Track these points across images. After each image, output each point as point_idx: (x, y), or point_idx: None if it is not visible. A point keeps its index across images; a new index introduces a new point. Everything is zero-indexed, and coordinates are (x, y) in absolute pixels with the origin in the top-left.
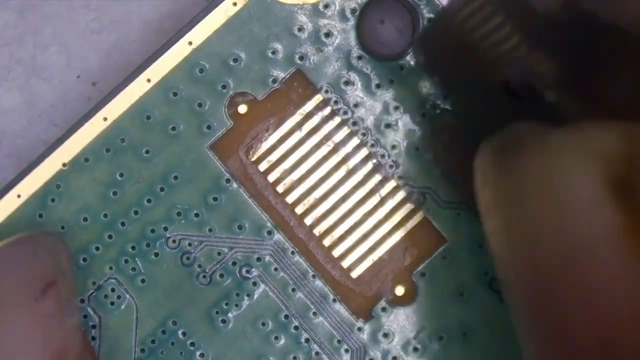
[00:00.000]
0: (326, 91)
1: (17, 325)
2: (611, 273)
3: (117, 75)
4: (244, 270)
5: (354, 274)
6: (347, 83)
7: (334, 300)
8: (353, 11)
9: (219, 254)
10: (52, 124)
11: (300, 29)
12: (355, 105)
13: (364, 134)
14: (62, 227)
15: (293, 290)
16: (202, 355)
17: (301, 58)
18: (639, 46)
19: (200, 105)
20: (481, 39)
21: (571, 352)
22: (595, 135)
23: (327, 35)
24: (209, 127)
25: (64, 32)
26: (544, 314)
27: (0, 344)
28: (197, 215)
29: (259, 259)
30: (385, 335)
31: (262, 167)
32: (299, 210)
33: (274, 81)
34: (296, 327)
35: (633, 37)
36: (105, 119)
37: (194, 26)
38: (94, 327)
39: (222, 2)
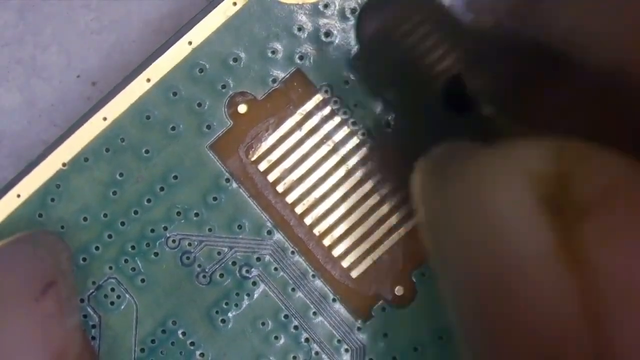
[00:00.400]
0: (326, 91)
1: (17, 325)
2: (541, 292)
3: (117, 75)
4: (243, 269)
5: (354, 273)
6: (347, 83)
7: (334, 300)
8: (353, 11)
9: (218, 253)
10: (52, 124)
11: (300, 29)
12: (355, 105)
13: (363, 134)
14: (62, 227)
15: (293, 289)
16: (202, 354)
17: (301, 58)
18: (566, 63)
19: (200, 105)
20: (417, 56)
21: None
22: (526, 153)
23: (327, 34)
24: (208, 127)
25: (64, 32)
26: (478, 335)
27: (1, 339)
28: (197, 215)
29: (258, 259)
30: (385, 335)
31: (262, 166)
32: (298, 209)
33: (274, 81)
34: (296, 327)
35: (560, 54)
36: (104, 118)
37: (193, 26)
38: (93, 326)
39: (221, 2)
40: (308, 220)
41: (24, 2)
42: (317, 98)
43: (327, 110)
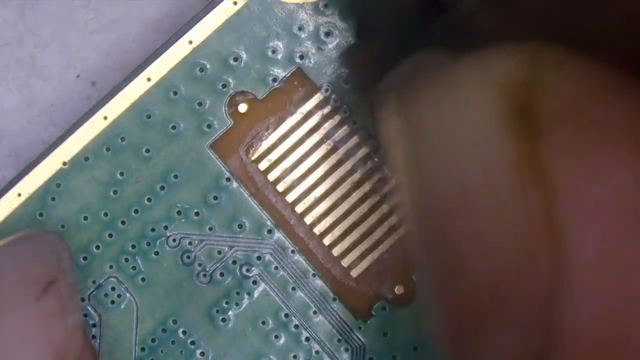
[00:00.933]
0: (326, 90)
1: (18, 324)
2: (502, 206)
3: (116, 75)
4: (244, 269)
5: (354, 272)
6: (347, 82)
7: (334, 299)
8: None
9: (219, 252)
10: (51, 124)
11: (301, 28)
12: (356, 104)
13: (364, 133)
14: (62, 226)
15: (293, 289)
16: (202, 354)
17: (301, 57)
18: None
19: (200, 104)
20: None
21: (467, 288)
22: (497, 62)
23: (328, 34)
24: (209, 126)
25: (64, 31)
26: (441, 253)
27: (0, 342)
28: (197, 214)
29: (259, 258)
30: (385, 334)
31: (262, 166)
32: (299, 209)
33: (274, 80)
34: (296, 326)
35: None
36: (105, 117)
37: (194, 25)
38: (94, 325)
39: (222, 1)
40: (308, 220)
41: (24, 2)
42: (318, 97)
43: (327, 109)
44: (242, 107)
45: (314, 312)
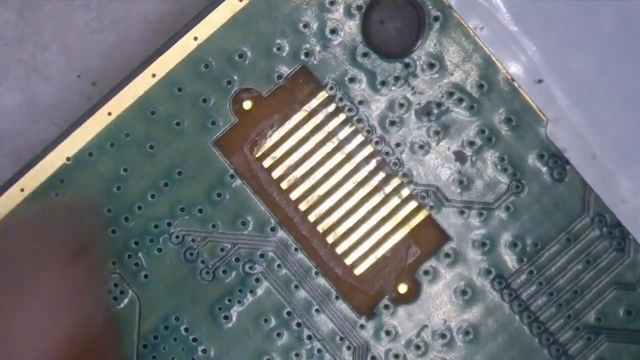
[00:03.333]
0: (331, 88)
1: (47, 290)
2: None
3: (117, 74)
4: (247, 266)
5: (357, 271)
6: (352, 80)
7: (337, 298)
8: (359, 8)
9: (222, 250)
10: (52, 124)
11: (306, 26)
12: (360, 103)
13: (368, 131)
14: None
15: (296, 287)
16: (204, 351)
17: (306, 54)
18: None
19: (205, 101)
20: None
21: None
22: None
23: (333, 32)
24: (213, 123)
25: (64, 31)
26: None
27: (29, 306)
28: (200, 211)
29: (262, 255)
30: (388, 332)
31: (267, 163)
32: (302, 207)
33: (279, 77)
34: (299, 324)
35: None
36: (109, 113)
37: (199, 21)
38: None
39: None
40: (312, 218)
41: (24, 2)
42: (322, 95)
43: (331, 107)
44: (247, 104)
45: (317, 310)
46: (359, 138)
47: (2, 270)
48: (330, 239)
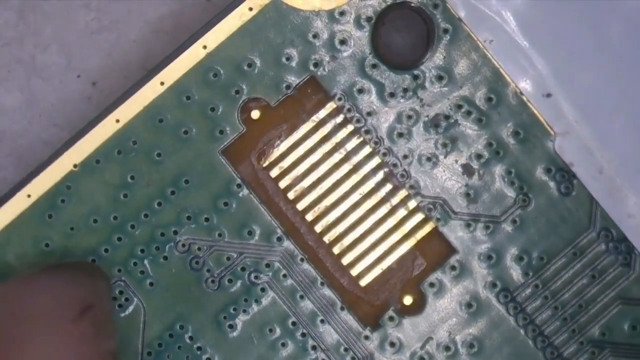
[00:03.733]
0: (339, 99)
1: (53, 345)
2: None
3: (117, 75)
4: (252, 275)
5: (363, 282)
6: (360, 91)
7: (342, 308)
8: (369, 19)
9: (228, 259)
10: (52, 124)
11: (316, 36)
12: (368, 114)
13: (376, 143)
14: (72, 229)
15: (301, 297)
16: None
17: (315, 65)
18: None
19: (213, 109)
20: None
21: None
22: None
23: (342, 42)
24: (221, 132)
25: (64, 32)
26: None
27: (37, 355)
28: (207, 219)
29: (268, 265)
30: (392, 344)
31: (274, 173)
32: (309, 217)
33: (288, 87)
34: (303, 334)
35: None
36: (117, 120)
37: (208, 30)
38: None
39: (237, 6)
40: (318, 228)
41: (24, 2)
42: (331, 106)
43: (340, 118)
44: (255, 114)
45: (321, 321)
46: (367, 149)
47: (6, 328)
48: (336, 249)
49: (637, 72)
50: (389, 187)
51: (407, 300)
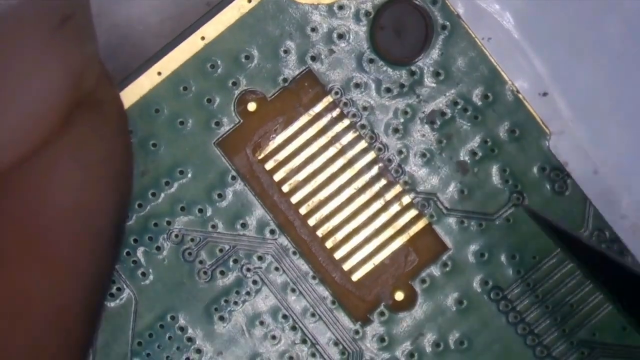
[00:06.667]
0: (336, 93)
1: (37, 51)
2: None
3: (117, 79)
4: (245, 268)
5: (355, 277)
6: (357, 86)
7: (333, 302)
8: (367, 14)
9: (221, 250)
10: None
11: (314, 29)
12: (365, 109)
13: (371, 138)
14: None
15: (293, 290)
16: (198, 351)
17: (313, 58)
18: None
19: (209, 101)
20: None
21: None
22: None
23: (340, 36)
24: (217, 124)
25: None
26: None
27: (20, 66)
28: (200, 210)
29: (260, 258)
30: (382, 339)
31: (269, 166)
32: (303, 210)
33: (285, 80)
34: (294, 328)
35: None
36: None
37: (207, 21)
38: None
39: None
40: (312, 222)
41: None
42: (327, 99)
43: (336, 112)
44: (251, 106)
45: (312, 315)
46: (362, 144)
47: None
48: (329, 243)
49: (633, 73)
50: (383, 182)
51: (399, 295)
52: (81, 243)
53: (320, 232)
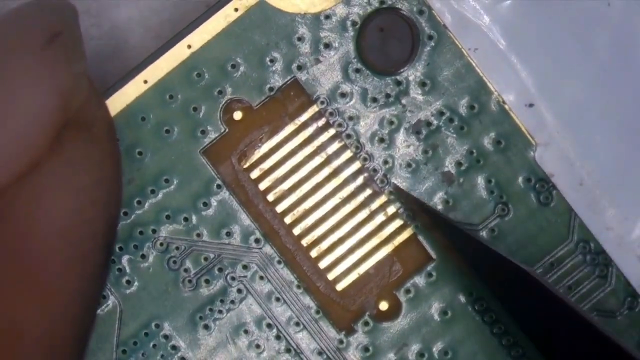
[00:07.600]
0: (322, 102)
1: (25, 68)
2: None
3: (116, 80)
4: (229, 277)
5: (339, 286)
6: (343, 95)
7: (317, 312)
8: (354, 24)
9: (205, 259)
10: None
11: (300, 39)
12: (350, 118)
13: (357, 148)
14: None
15: (277, 299)
16: (182, 359)
17: (299, 68)
18: None
19: (195, 109)
20: None
21: None
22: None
23: (327, 46)
24: (203, 132)
25: None
26: None
27: (7, 85)
28: (186, 219)
29: (245, 267)
30: (366, 349)
31: (254, 174)
32: (288, 220)
33: (271, 89)
34: (278, 337)
35: None
36: None
37: (193, 30)
38: None
39: (223, 7)
40: (297, 231)
41: None
42: (313, 109)
43: (322, 121)
44: (237, 115)
45: (297, 324)
46: (348, 154)
47: None
48: (314, 253)
49: (620, 85)
50: (368, 192)
51: (383, 305)
52: (71, 268)
53: (305, 242)
